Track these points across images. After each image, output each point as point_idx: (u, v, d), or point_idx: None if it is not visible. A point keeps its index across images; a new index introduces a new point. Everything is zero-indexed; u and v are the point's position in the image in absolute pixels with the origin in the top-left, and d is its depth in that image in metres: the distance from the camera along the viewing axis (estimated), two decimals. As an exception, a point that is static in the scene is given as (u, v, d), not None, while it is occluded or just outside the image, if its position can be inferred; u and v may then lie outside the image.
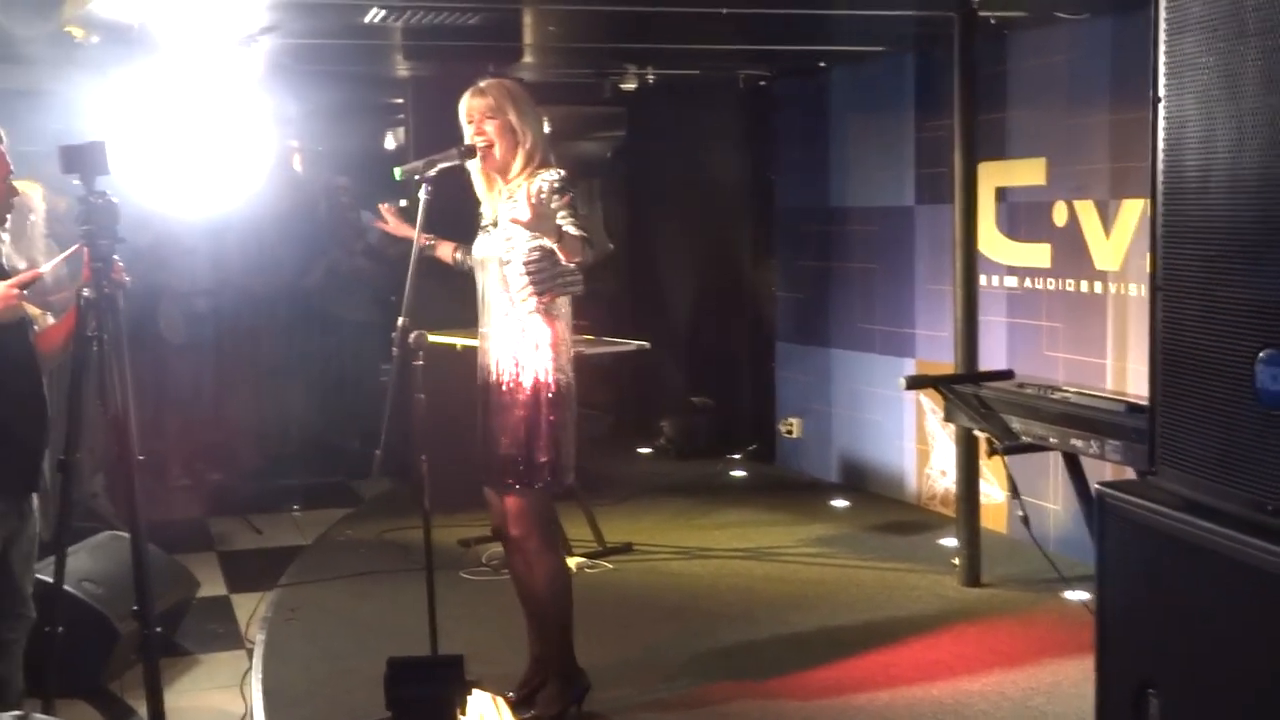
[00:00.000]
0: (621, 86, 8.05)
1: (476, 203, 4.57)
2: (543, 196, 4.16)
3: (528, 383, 4.33)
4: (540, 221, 4.09)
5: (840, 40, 7.17)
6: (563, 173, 4.34)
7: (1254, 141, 2.61)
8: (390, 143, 10.23)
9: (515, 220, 4.13)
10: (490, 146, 4.35)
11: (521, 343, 4.34)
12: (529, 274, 4.31)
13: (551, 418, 4.35)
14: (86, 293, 3.75)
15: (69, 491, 3.92)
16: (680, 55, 7.52)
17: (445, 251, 4.70)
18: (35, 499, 3.96)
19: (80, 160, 3.75)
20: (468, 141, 4.38)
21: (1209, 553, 2.75)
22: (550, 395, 4.34)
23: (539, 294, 4.32)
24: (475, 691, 4.17)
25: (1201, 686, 2.81)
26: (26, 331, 3.87)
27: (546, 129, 4.52)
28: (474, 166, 4.44)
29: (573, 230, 4.18)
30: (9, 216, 3.97)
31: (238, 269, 8.43)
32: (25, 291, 3.73)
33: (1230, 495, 2.73)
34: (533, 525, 4.42)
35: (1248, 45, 2.61)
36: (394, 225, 4.69)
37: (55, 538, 4.01)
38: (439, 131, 4.88)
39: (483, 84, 4.42)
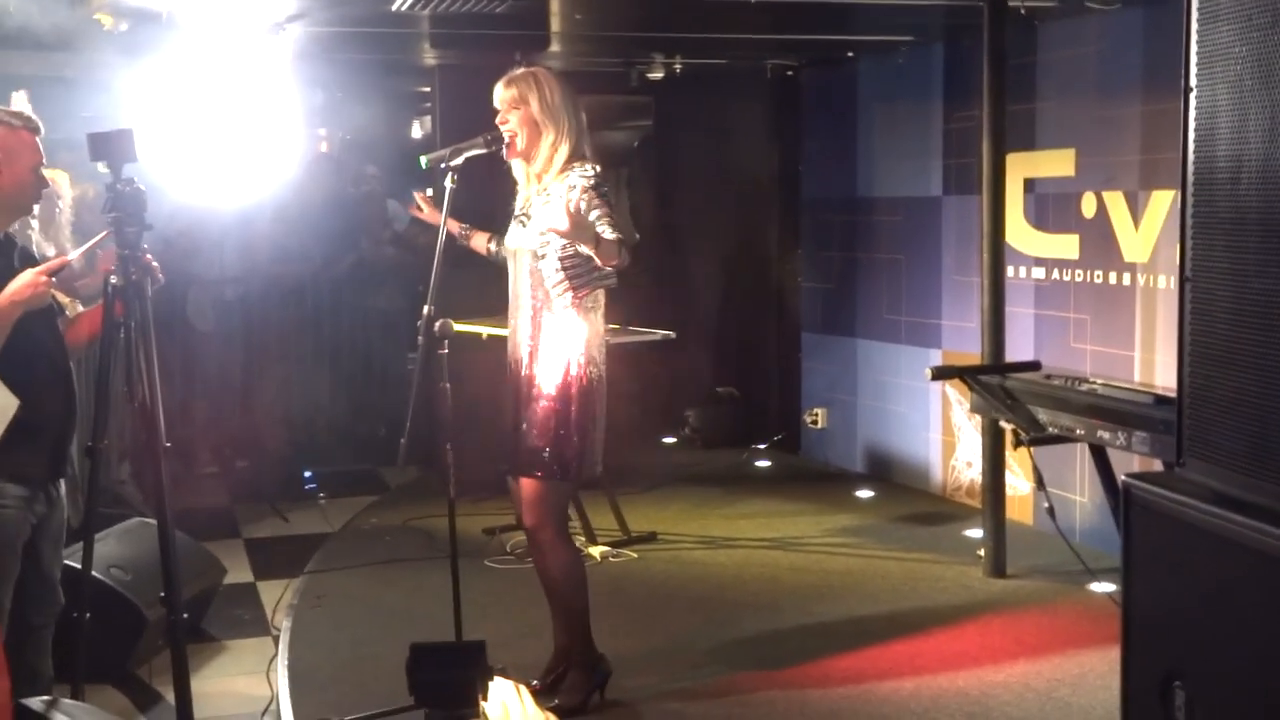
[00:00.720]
0: (648, 76, 8.04)
1: (503, 192, 4.57)
2: (581, 206, 4.15)
3: (559, 376, 4.32)
4: (579, 231, 4.10)
5: (868, 30, 7.14)
6: (597, 169, 4.31)
7: (1287, 132, 2.59)
8: (417, 131, 10.24)
9: (553, 230, 4.14)
10: (514, 137, 4.36)
11: (555, 336, 4.33)
12: (564, 269, 4.30)
13: (582, 411, 4.34)
14: (114, 280, 3.77)
15: (96, 478, 3.94)
16: (708, 44, 7.50)
17: (480, 242, 4.71)
18: (63, 485, 3.99)
19: (108, 148, 3.76)
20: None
21: (1236, 545, 2.73)
22: (581, 388, 4.33)
23: (575, 289, 4.32)
24: (497, 679, 4.18)
25: (1228, 679, 2.80)
26: (54, 318, 3.89)
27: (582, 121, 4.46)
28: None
29: (609, 234, 4.18)
30: (38, 205, 4.00)
31: (265, 257, 8.47)
32: (54, 278, 3.75)
33: (1258, 487, 2.71)
34: (547, 515, 4.42)
35: (1280, 34, 2.59)
36: (429, 214, 4.70)
37: (83, 524, 4.04)
38: (465, 120, 4.88)
39: (514, 74, 4.41)
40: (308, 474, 8.19)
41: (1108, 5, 6.01)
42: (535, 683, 4.53)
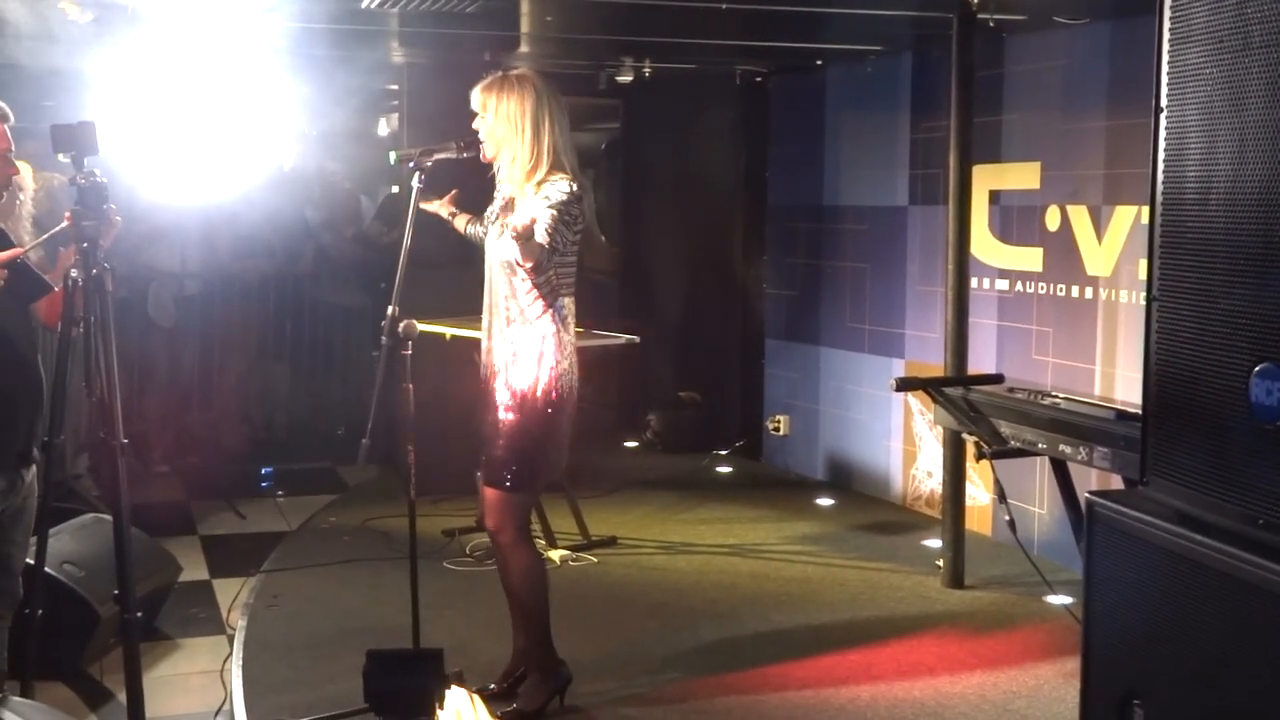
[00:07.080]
0: (617, 79, 8.02)
1: (471, 190, 4.52)
2: (541, 221, 4.09)
3: (529, 390, 4.29)
4: (525, 246, 4.04)
5: (837, 38, 7.15)
6: (574, 188, 4.22)
7: (1256, 155, 2.60)
8: (383, 129, 10.20)
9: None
10: (482, 143, 4.33)
11: (529, 348, 4.29)
12: (535, 285, 4.27)
13: (550, 423, 4.33)
14: (74, 274, 3.73)
15: (51, 473, 3.90)
16: (677, 49, 7.50)
17: (460, 223, 4.62)
18: (33, 472, 3.93)
19: (71, 140, 3.73)
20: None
21: (1199, 565, 2.74)
22: (551, 401, 4.31)
23: (545, 298, 4.29)
24: (453, 687, 4.15)
25: (1187, 699, 2.81)
26: (21, 304, 3.85)
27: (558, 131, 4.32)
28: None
29: (542, 237, 4.09)
30: (3, 194, 3.96)
31: (228, 252, 8.41)
32: (6, 270, 3.71)
33: (1221, 508, 2.72)
34: (509, 519, 4.39)
35: (1252, 58, 2.60)
36: (437, 205, 4.62)
37: (37, 520, 3.99)
38: (432, 119, 4.86)
39: (490, 79, 4.35)
40: (265, 470, 8.14)
41: (1075, 20, 6.04)
42: (493, 685, 4.51)
